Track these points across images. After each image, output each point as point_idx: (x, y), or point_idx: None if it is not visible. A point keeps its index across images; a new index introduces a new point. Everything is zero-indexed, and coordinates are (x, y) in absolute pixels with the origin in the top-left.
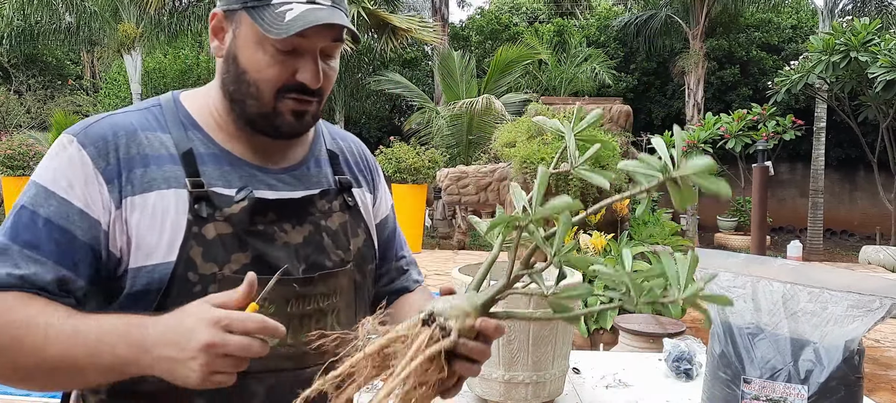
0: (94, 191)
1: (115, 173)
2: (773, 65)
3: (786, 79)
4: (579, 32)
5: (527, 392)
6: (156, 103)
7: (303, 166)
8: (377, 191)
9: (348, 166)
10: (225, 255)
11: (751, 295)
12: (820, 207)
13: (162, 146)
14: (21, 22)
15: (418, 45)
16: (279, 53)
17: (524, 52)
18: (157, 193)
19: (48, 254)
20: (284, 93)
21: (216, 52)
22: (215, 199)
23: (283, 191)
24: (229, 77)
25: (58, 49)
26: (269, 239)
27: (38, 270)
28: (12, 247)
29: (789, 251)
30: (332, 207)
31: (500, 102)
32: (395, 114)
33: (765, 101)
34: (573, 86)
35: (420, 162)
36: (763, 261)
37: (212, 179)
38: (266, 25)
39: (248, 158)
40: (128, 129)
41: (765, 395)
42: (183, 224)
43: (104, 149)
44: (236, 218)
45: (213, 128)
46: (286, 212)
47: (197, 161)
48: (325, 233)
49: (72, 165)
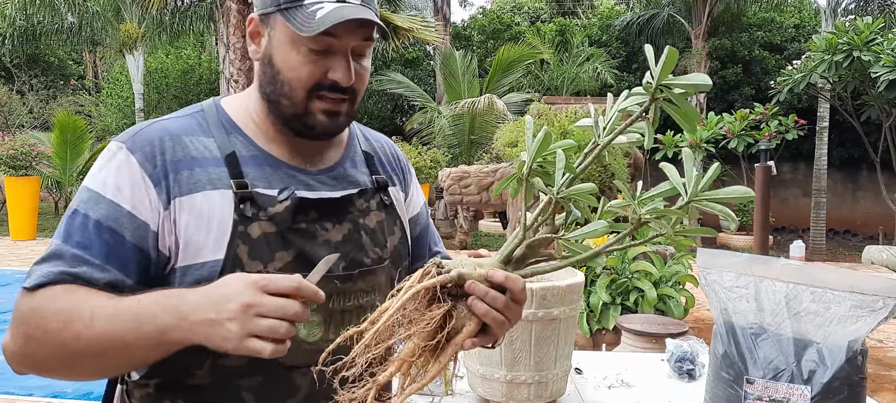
0: (142, 193)
1: (162, 175)
2: (775, 64)
3: (788, 78)
4: (581, 32)
5: (529, 393)
6: (199, 109)
7: (340, 167)
8: (409, 188)
9: (383, 166)
10: (269, 253)
11: (754, 295)
12: (823, 207)
13: (206, 149)
14: (23, 22)
15: (420, 45)
16: (312, 53)
17: (526, 51)
18: (203, 194)
19: (98, 254)
20: (317, 91)
21: (254, 56)
22: (259, 199)
23: (322, 190)
24: (266, 78)
25: (60, 49)
26: (310, 237)
27: (89, 270)
28: (65, 249)
29: (792, 251)
30: (369, 206)
31: (501, 102)
32: (397, 113)
33: (767, 101)
34: (575, 86)
35: (422, 161)
36: (766, 261)
37: (254, 180)
38: (298, 24)
39: (288, 160)
40: (173, 134)
41: (768, 395)
42: (229, 223)
43: (151, 154)
44: (280, 217)
45: (254, 131)
46: (327, 211)
47: (240, 163)
48: (364, 232)
49: (120, 170)
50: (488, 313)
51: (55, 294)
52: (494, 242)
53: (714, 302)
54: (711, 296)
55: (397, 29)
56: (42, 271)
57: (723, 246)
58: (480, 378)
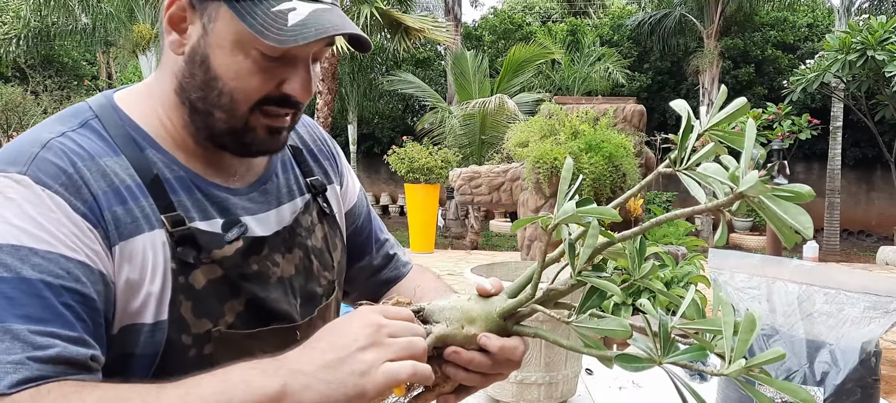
0: (79, 237)
1: (97, 214)
2: (788, 63)
3: (801, 78)
4: (593, 32)
5: (539, 393)
6: (89, 114)
7: (270, 177)
8: (343, 176)
9: (314, 158)
10: (219, 306)
11: (766, 296)
12: (836, 207)
13: (125, 173)
14: (38, 23)
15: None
16: (265, 59)
17: (537, 51)
18: (145, 236)
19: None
20: (261, 105)
21: (173, 49)
22: (201, 239)
23: (258, 213)
24: (193, 83)
25: (74, 50)
26: (263, 279)
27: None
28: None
29: (805, 251)
30: (312, 220)
31: (512, 102)
32: (408, 114)
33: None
34: (586, 86)
35: (433, 162)
36: (779, 262)
37: (187, 212)
38: (259, 26)
39: (212, 178)
40: (83, 155)
41: (780, 397)
42: (167, 274)
43: (72, 184)
44: (229, 261)
45: (169, 142)
46: (277, 243)
47: (166, 190)
48: (313, 255)
49: (33, 209)
50: (469, 379)
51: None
52: (505, 242)
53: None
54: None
55: (408, 29)
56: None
57: (735, 246)
58: None
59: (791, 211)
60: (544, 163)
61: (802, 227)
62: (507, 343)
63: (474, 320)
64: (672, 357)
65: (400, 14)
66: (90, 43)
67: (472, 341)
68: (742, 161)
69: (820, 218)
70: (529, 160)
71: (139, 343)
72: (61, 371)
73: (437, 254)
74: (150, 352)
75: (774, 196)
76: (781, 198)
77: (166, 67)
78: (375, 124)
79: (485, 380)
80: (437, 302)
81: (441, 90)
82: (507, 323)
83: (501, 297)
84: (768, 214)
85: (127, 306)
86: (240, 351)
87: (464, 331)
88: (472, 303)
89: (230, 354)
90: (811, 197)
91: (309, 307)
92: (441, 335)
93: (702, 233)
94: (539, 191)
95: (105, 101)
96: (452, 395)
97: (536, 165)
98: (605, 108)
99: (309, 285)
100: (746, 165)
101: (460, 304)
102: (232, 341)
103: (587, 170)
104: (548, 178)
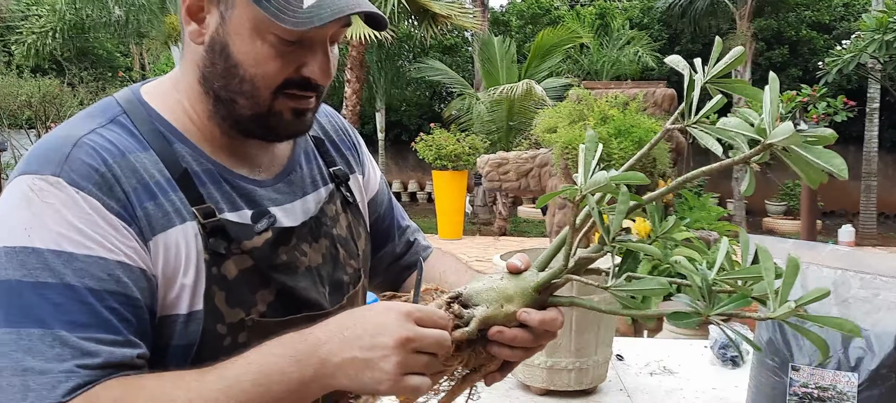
0: (116, 236)
1: (130, 211)
2: (823, 44)
3: (837, 58)
4: (622, 15)
5: (569, 379)
6: (117, 110)
7: (293, 167)
8: (364, 166)
9: (336, 148)
10: (250, 295)
11: (800, 281)
12: (873, 190)
13: (155, 169)
14: (73, 16)
15: (458, 31)
16: (283, 43)
17: (565, 35)
18: (178, 229)
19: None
20: (283, 89)
21: (193, 39)
22: (231, 230)
23: (284, 204)
24: (215, 71)
25: (108, 42)
26: (292, 269)
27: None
28: (65, 336)
29: (841, 236)
30: (336, 209)
31: (540, 87)
32: (436, 100)
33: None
34: (616, 70)
35: (460, 148)
36: (813, 247)
37: (216, 204)
38: (275, 10)
39: (238, 169)
40: (114, 152)
41: (813, 383)
42: (200, 265)
43: (105, 183)
44: (259, 252)
45: (196, 135)
46: (303, 232)
47: (195, 183)
48: (339, 244)
49: (67, 211)
50: (513, 355)
51: (101, 399)
52: (533, 228)
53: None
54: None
55: (435, 16)
56: (57, 371)
57: (769, 231)
58: (520, 364)
59: (823, 155)
60: (573, 148)
61: (837, 169)
62: (546, 316)
63: (512, 297)
64: (718, 308)
65: (427, 0)
66: (123, 35)
67: (513, 318)
68: (766, 113)
69: (856, 201)
70: (558, 146)
71: (175, 334)
72: (108, 373)
73: (466, 241)
74: (185, 342)
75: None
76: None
77: (188, 59)
78: (403, 112)
79: (527, 354)
80: (473, 286)
81: (468, 76)
82: (542, 296)
83: (532, 272)
84: (795, 160)
85: (164, 298)
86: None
87: (504, 310)
88: (507, 282)
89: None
90: (834, 138)
91: (337, 295)
92: (483, 317)
93: (734, 219)
94: (568, 177)
95: (132, 96)
96: (498, 372)
97: (565, 151)
98: (634, 93)
99: (336, 273)
100: (773, 117)
101: (495, 284)
102: (265, 329)
103: (617, 156)
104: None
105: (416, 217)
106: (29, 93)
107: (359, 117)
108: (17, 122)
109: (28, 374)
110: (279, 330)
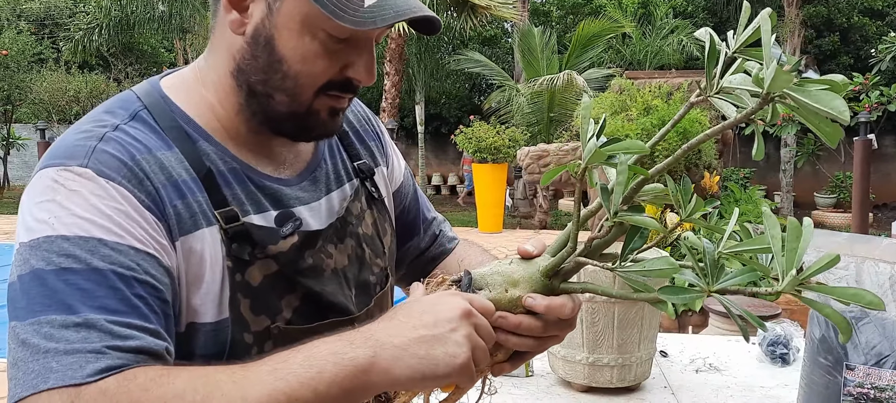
0: (146, 230)
1: (160, 207)
2: (876, 31)
3: (891, 46)
4: (665, 3)
5: (612, 376)
6: (138, 105)
7: (318, 162)
8: (389, 156)
9: (361, 140)
10: (276, 302)
11: (854, 276)
12: None
13: (180, 167)
14: (118, 12)
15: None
16: (333, 41)
17: (607, 25)
18: (203, 232)
19: (142, 317)
20: (325, 89)
21: (234, 29)
22: (256, 235)
23: (310, 202)
24: (255, 65)
25: (152, 37)
26: (318, 272)
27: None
28: (95, 319)
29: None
30: (362, 206)
31: (581, 78)
32: (475, 93)
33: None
34: (659, 60)
35: (500, 141)
36: (868, 240)
37: (241, 205)
38: (333, 7)
39: (264, 168)
40: (140, 148)
41: (869, 383)
42: (224, 272)
43: (134, 177)
44: (284, 257)
45: (220, 132)
46: (329, 234)
47: (219, 183)
48: (365, 243)
49: (98, 201)
50: (522, 344)
51: (139, 378)
52: None
53: None
54: None
55: (474, 7)
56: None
57: (818, 224)
58: (561, 360)
59: (822, 98)
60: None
61: (837, 112)
62: (553, 302)
63: (517, 282)
64: (722, 283)
65: None
66: (167, 30)
67: (518, 304)
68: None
69: None
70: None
71: (201, 343)
72: (142, 360)
73: (506, 234)
74: (212, 352)
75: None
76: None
77: (221, 49)
78: (442, 104)
79: (539, 345)
80: (479, 270)
81: (508, 68)
82: (552, 282)
83: (544, 257)
84: (802, 114)
85: (190, 302)
86: None
87: (508, 295)
88: (514, 266)
89: None
90: (847, 86)
91: (364, 297)
92: (491, 300)
93: (782, 211)
94: None
95: (153, 90)
96: (508, 363)
97: None
98: (679, 82)
99: (362, 274)
100: (768, 59)
101: (502, 268)
102: (291, 337)
103: (660, 147)
104: None
105: (455, 211)
106: (77, 88)
107: (398, 110)
108: (66, 117)
109: (50, 356)
110: (305, 337)
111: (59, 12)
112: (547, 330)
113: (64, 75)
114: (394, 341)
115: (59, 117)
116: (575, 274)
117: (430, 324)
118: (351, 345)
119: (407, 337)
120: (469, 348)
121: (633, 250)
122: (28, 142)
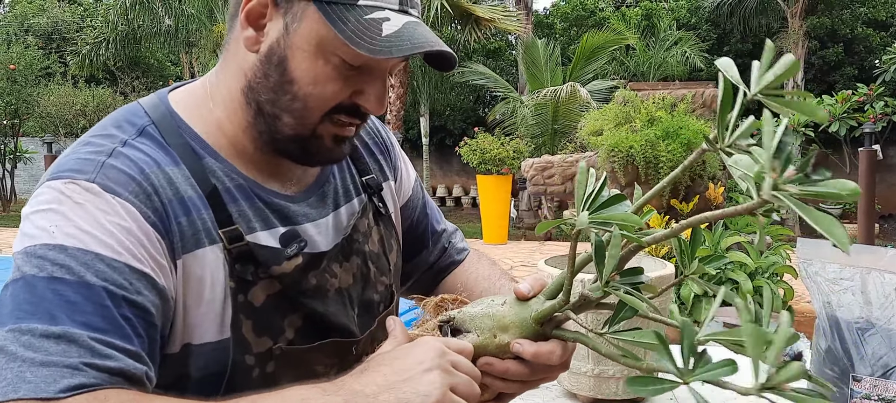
0: (146, 249)
1: (166, 224)
2: (880, 42)
3: (895, 56)
4: (669, 15)
5: (617, 387)
6: (145, 120)
7: (326, 177)
8: (397, 169)
9: (370, 153)
10: (279, 322)
11: (860, 287)
12: None
13: (187, 184)
14: (125, 26)
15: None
16: (346, 67)
17: (611, 37)
18: (206, 251)
19: (124, 338)
20: (332, 114)
21: (248, 46)
22: (260, 255)
23: (317, 219)
24: (266, 84)
25: (158, 51)
26: (322, 293)
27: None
28: (76, 333)
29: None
30: (369, 222)
31: (585, 90)
32: (479, 104)
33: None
34: (662, 71)
35: (504, 152)
36: (873, 251)
37: (248, 221)
38: (351, 33)
39: (270, 185)
40: (149, 163)
41: (876, 394)
42: (226, 291)
43: (143, 192)
44: (288, 278)
45: (227, 149)
46: (334, 252)
47: (224, 202)
48: (370, 261)
49: (101, 215)
50: (508, 387)
51: (110, 400)
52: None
53: (816, 294)
54: (813, 289)
55: (478, 19)
56: (61, 364)
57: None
58: (567, 372)
59: (822, 222)
60: (620, 151)
61: (838, 241)
62: (541, 349)
63: (508, 327)
64: (700, 373)
65: (470, 4)
66: (173, 44)
67: (506, 349)
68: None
69: None
70: (604, 149)
71: (201, 363)
72: (117, 382)
73: (511, 245)
74: (213, 372)
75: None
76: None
77: (233, 65)
78: (447, 116)
79: (525, 386)
80: (469, 310)
81: (512, 80)
82: (544, 328)
83: (539, 299)
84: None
85: (188, 322)
86: (301, 367)
87: (496, 340)
88: (506, 309)
89: (291, 370)
90: (856, 195)
91: (367, 317)
92: (473, 346)
93: (787, 222)
94: (614, 181)
95: (160, 104)
96: (494, 402)
97: (611, 154)
98: (682, 94)
99: (366, 293)
100: (768, 163)
101: (493, 310)
102: (293, 357)
103: (664, 159)
104: (623, 167)
105: (460, 222)
106: (84, 102)
107: (403, 122)
108: (73, 131)
109: (25, 365)
110: (307, 356)
111: (67, 27)
112: (535, 375)
113: (71, 89)
114: (365, 390)
115: (66, 131)
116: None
117: (401, 370)
118: (323, 393)
119: (378, 385)
120: (443, 385)
121: (621, 320)
122: (35, 155)
